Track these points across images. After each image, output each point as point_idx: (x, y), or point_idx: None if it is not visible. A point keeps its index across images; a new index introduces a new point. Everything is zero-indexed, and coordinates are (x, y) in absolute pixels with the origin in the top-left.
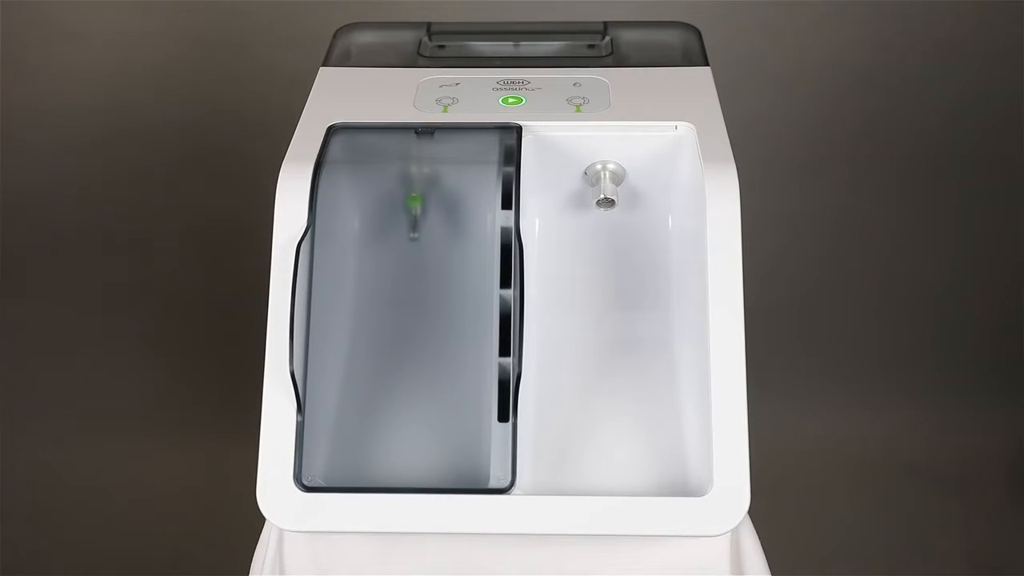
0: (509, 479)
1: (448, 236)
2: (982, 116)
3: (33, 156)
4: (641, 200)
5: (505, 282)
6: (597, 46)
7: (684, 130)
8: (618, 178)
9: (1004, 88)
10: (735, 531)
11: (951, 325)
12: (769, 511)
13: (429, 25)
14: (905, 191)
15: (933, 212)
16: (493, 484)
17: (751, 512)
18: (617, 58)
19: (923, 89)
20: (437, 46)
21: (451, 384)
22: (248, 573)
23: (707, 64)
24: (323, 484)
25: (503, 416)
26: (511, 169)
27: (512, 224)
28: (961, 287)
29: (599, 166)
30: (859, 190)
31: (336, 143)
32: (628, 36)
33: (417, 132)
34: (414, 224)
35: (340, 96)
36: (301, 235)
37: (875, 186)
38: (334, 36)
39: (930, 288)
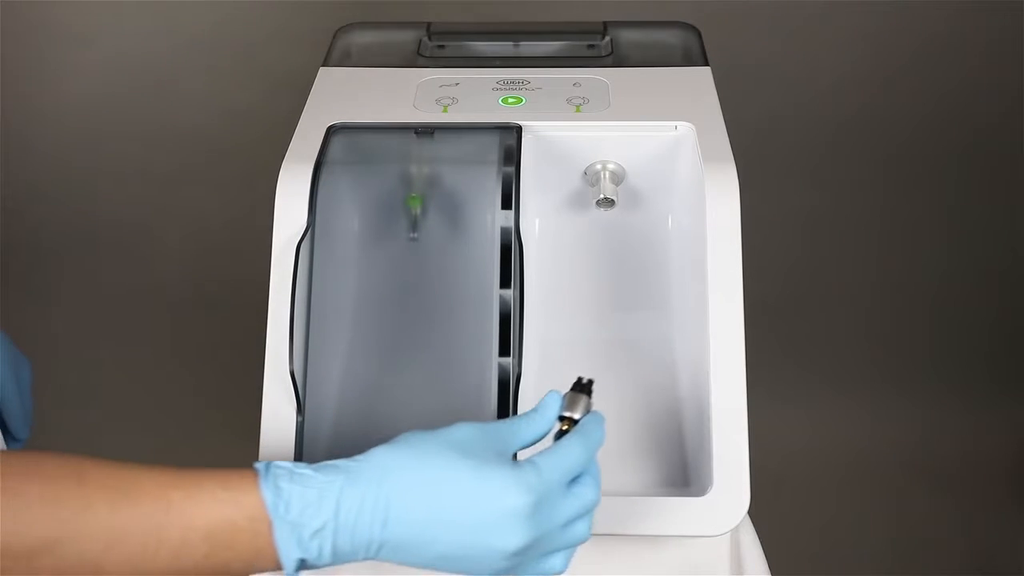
0: None
1: (448, 236)
2: (981, 117)
3: (33, 156)
4: (641, 200)
5: (505, 282)
6: (597, 46)
7: (684, 130)
8: (618, 178)
9: (1004, 89)
10: (735, 531)
11: (950, 325)
12: (769, 511)
13: (429, 25)
14: (903, 191)
15: (931, 212)
16: None
17: (751, 512)
18: (617, 58)
19: (921, 90)
20: (437, 46)
21: (451, 384)
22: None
23: (707, 64)
24: None
25: (503, 416)
26: (511, 169)
27: (512, 224)
28: (960, 287)
29: (599, 166)
30: (858, 190)
31: (336, 143)
32: (628, 36)
33: (417, 132)
34: (414, 224)
35: (340, 96)
36: (301, 235)
37: (873, 186)
38: (334, 36)
39: (929, 288)
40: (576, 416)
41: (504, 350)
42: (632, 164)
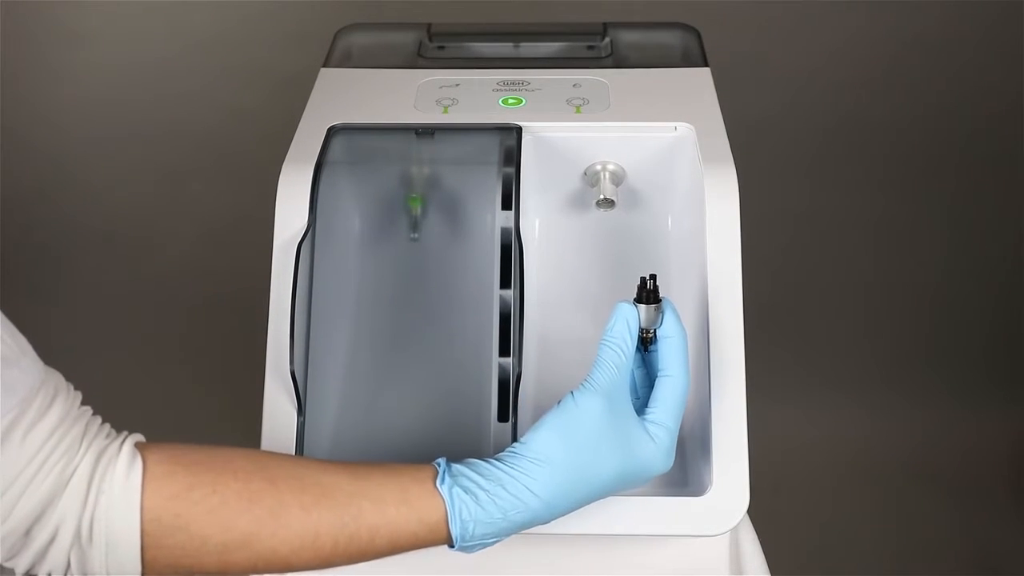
0: None
1: (448, 237)
2: (980, 117)
3: (34, 156)
4: (641, 201)
5: (505, 282)
6: (597, 47)
7: (683, 131)
8: (618, 179)
9: (1002, 88)
10: (735, 531)
11: (950, 326)
12: (769, 511)
13: (429, 26)
14: (903, 190)
15: (931, 211)
16: None
17: (751, 512)
18: (617, 59)
19: (920, 89)
20: (437, 47)
21: (451, 384)
22: None
23: (707, 65)
24: None
25: (503, 416)
26: (511, 170)
27: (512, 224)
28: (959, 288)
29: (599, 167)
30: (856, 191)
31: (336, 144)
32: (628, 37)
33: (417, 133)
34: (414, 225)
35: (341, 97)
36: (302, 235)
37: (872, 187)
38: (335, 37)
39: (929, 288)
40: (656, 327)
41: (504, 350)
42: (632, 165)
